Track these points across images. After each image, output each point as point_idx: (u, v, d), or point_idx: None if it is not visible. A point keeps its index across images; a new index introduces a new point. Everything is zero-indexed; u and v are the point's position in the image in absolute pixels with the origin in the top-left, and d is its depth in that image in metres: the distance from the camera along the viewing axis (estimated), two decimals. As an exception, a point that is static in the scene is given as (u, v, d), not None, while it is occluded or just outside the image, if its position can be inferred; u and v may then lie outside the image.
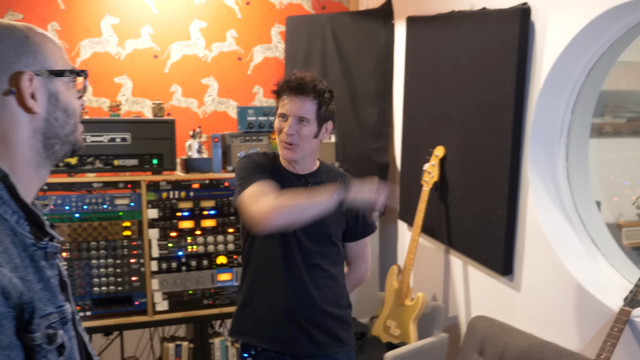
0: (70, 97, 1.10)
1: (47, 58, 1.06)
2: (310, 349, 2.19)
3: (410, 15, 3.74)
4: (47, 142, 1.06)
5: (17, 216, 1.00)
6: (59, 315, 1.01)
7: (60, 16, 3.89)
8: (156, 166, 3.27)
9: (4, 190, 0.99)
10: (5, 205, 0.99)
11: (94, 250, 3.09)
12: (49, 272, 1.03)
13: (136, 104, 4.06)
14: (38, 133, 1.05)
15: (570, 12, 2.45)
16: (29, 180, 1.05)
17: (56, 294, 1.03)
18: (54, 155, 1.09)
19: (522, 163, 2.77)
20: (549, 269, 2.62)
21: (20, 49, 1.03)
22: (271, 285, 2.18)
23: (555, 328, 2.59)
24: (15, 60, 1.02)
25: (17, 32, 1.04)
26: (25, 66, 1.02)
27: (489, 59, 2.88)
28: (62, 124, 1.08)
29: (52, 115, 1.06)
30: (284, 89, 2.15)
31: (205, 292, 3.28)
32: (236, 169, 2.19)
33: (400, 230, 4.07)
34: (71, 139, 1.11)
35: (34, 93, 1.02)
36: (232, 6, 4.26)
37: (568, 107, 2.68)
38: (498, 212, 2.83)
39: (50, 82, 1.06)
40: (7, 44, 1.02)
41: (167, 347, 3.31)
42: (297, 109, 2.11)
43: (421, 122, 3.58)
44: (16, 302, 0.91)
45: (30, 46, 1.04)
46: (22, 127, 1.03)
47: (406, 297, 3.25)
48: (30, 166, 1.05)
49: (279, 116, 2.15)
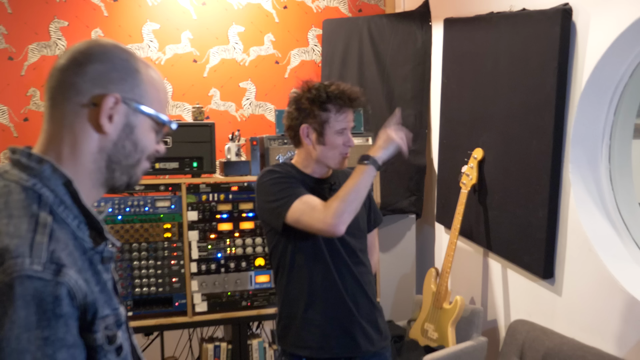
0: (147, 136, 1.13)
1: (143, 95, 1.09)
2: (367, 347, 2.20)
3: (448, 17, 3.73)
4: (110, 164, 1.09)
5: (78, 221, 1.03)
6: (115, 317, 1.04)
7: (103, 23, 3.99)
8: (196, 169, 3.32)
9: (67, 195, 1.03)
10: (67, 210, 1.02)
11: (136, 252, 3.15)
12: (105, 275, 1.07)
13: (176, 108, 4.13)
14: (104, 152, 1.08)
15: (612, 12, 2.41)
16: (87, 191, 1.08)
17: (112, 296, 1.06)
18: (112, 180, 1.12)
19: (563, 165, 2.73)
20: (591, 272, 2.57)
21: (124, 76, 1.07)
22: (327, 292, 2.16)
23: (598, 333, 2.55)
24: (114, 82, 1.06)
25: (132, 62, 1.09)
26: (119, 91, 1.06)
27: (529, 61, 2.85)
28: (128, 154, 1.10)
29: (121, 143, 1.09)
30: (341, 102, 2.12)
31: (243, 293, 3.31)
32: (265, 184, 2.15)
33: (438, 232, 4.05)
34: (131, 172, 1.13)
35: (112, 115, 1.06)
36: (269, 10, 4.30)
37: (610, 109, 2.63)
38: (539, 215, 2.80)
39: (133, 114, 1.09)
40: (116, 67, 1.07)
41: (206, 348, 3.35)
42: (351, 120, 2.18)
43: (459, 124, 3.55)
44: (80, 302, 0.94)
45: (135, 79, 1.08)
46: (91, 140, 1.06)
47: (444, 300, 3.23)
48: (90, 179, 1.08)
49: (337, 132, 2.12)
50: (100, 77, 1.05)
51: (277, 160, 3.37)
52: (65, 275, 0.92)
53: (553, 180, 2.73)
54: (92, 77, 1.04)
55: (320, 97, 2.11)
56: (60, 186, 1.02)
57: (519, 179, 2.94)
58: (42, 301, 0.88)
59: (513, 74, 2.99)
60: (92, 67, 1.05)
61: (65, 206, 1.01)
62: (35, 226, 0.94)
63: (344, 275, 2.17)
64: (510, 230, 3.04)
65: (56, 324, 0.89)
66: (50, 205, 0.99)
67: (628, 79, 2.56)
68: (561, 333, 2.69)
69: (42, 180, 1.00)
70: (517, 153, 2.95)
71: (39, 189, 0.99)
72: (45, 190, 1.00)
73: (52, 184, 1.01)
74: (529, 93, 2.85)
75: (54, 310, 0.89)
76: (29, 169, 1.01)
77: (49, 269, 0.90)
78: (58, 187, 1.01)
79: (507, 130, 3.04)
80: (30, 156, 1.02)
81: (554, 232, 2.78)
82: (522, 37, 2.91)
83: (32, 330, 0.87)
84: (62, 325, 0.90)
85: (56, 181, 1.02)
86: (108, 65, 1.06)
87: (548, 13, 2.70)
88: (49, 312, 0.89)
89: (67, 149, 1.05)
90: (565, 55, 2.65)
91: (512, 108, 2.99)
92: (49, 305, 0.89)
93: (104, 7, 3.98)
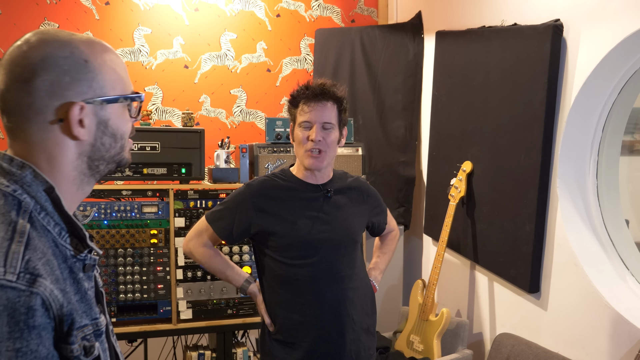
0: (121, 121, 1.09)
1: (103, 85, 1.04)
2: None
3: (440, 29, 3.74)
4: (92, 163, 1.07)
5: (59, 228, 1.01)
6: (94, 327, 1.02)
7: (94, 26, 3.97)
8: (184, 175, 3.30)
9: (49, 202, 1.00)
10: (48, 216, 0.99)
11: (121, 257, 3.12)
12: (87, 284, 1.04)
13: (166, 113, 4.11)
14: (83, 156, 1.05)
15: (603, 29, 2.43)
16: (71, 197, 1.06)
17: (92, 306, 1.04)
18: (99, 173, 1.10)
19: (551, 180, 2.74)
20: (577, 287, 2.58)
21: (76, 76, 1.00)
22: (314, 316, 2.15)
23: (582, 348, 2.55)
24: (69, 87, 1.00)
25: (76, 55, 1.01)
26: (79, 94, 1.01)
27: (519, 75, 2.87)
28: (109, 147, 1.07)
29: (99, 141, 1.06)
30: (305, 96, 2.14)
31: (229, 301, 3.29)
32: (232, 193, 2.27)
33: (426, 244, 4.05)
34: (116, 159, 1.11)
35: (82, 120, 1.01)
36: (262, 18, 4.30)
37: (599, 125, 2.65)
38: (526, 229, 2.80)
39: (102, 109, 1.04)
40: (64, 69, 0.99)
41: (190, 356, 3.32)
42: (321, 115, 2.12)
43: (449, 137, 3.57)
44: (56, 313, 0.92)
45: (87, 73, 1.02)
46: (68, 150, 1.03)
47: (430, 312, 3.23)
48: (74, 184, 1.06)
49: (300, 125, 2.14)
50: (54, 87, 0.99)
51: (266, 168, 3.37)
52: (41, 285, 0.90)
53: (541, 195, 2.74)
54: (45, 91, 0.98)
55: (292, 95, 2.19)
56: (42, 193, 0.99)
57: (507, 192, 2.95)
58: (15, 312, 0.86)
59: (503, 88, 3.00)
60: (39, 80, 0.98)
61: (46, 213, 0.99)
62: (12, 234, 0.92)
63: (329, 299, 2.19)
64: (497, 244, 3.05)
65: (29, 336, 0.87)
66: (30, 212, 0.96)
67: (617, 96, 2.58)
68: (546, 347, 2.69)
69: (23, 186, 0.98)
70: (506, 167, 2.96)
71: (19, 195, 0.97)
72: (25, 197, 0.97)
73: (33, 190, 0.99)
74: (518, 107, 2.87)
75: (26, 322, 0.87)
76: (10, 174, 0.99)
77: (23, 279, 0.88)
78: (39, 193, 0.99)
79: (496, 144, 3.05)
80: (12, 161, 1.00)
81: (541, 247, 2.79)
82: (513, 52, 2.93)
83: (3, 342, 0.85)
84: (35, 336, 0.88)
85: (37, 187, 0.99)
86: (55, 70, 0.98)
87: (539, 29, 2.72)
88: (21, 323, 0.87)
89: (44, 164, 1.02)
90: (555, 71, 2.67)
91: (501, 122, 3.01)
92: (22, 317, 0.87)
93: (95, 10, 3.97)
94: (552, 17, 2.69)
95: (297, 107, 2.16)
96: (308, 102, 2.12)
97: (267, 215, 2.15)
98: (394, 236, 2.58)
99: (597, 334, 2.47)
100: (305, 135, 2.12)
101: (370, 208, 2.34)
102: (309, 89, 2.14)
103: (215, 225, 2.22)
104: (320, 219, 2.16)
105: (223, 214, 2.22)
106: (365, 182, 2.40)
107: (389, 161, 4.13)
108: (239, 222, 2.17)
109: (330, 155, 2.17)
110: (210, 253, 2.28)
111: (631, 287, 2.53)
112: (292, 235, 2.13)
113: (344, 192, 2.26)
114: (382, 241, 2.57)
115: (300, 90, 2.16)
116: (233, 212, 2.19)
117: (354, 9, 4.56)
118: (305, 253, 2.14)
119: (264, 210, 2.15)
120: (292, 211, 2.15)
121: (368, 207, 2.32)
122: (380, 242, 2.58)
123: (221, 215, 2.22)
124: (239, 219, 2.17)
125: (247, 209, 2.16)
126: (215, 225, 2.22)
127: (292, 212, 2.15)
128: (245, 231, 2.18)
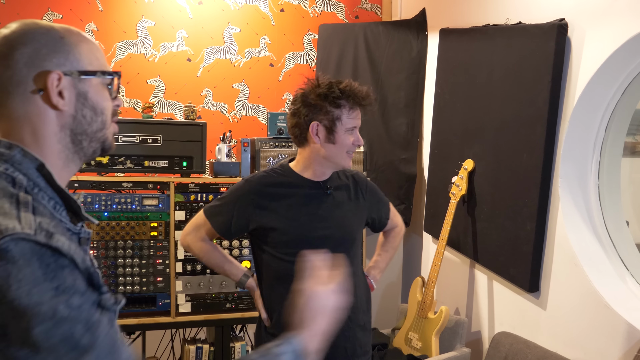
0: (101, 97, 1.12)
1: (79, 59, 1.08)
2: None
3: (444, 27, 3.74)
4: (75, 137, 1.09)
5: (54, 202, 1.03)
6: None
7: (98, 17, 3.97)
8: (185, 168, 3.30)
9: (40, 177, 1.02)
10: (42, 192, 1.01)
11: (121, 250, 3.12)
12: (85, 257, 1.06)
13: (168, 106, 4.11)
14: (66, 128, 1.07)
15: (607, 29, 2.42)
16: (59, 172, 1.07)
17: (100, 277, 1.05)
18: (83, 151, 1.11)
19: (552, 179, 2.74)
20: (577, 287, 2.58)
21: (52, 48, 1.05)
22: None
23: (580, 348, 2.55)
24: (46, 58, 1.04)
25: (53, 33, 1.06)
26: (56, 65, 1.05)
27: (523, 74, 2.86)
28: (90, 121, 1.10)
29: (80, 113, 1.08)
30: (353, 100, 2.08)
31: (228, 295, 3.29)
32: (231, 188, 2.25)
33: (425, 242, 4.05)
34: (99, 137, 1.12)
35: (61, 91, 1.05)
36: (266, 12, 4.29)
37: (602, 125, 2.64)
38: (526, 228, 2.80)
39: (79, 82, 1.08)
40: (41, 42, 1.04)
41: (187, 349, 3.32)
42: (360, 119, 2.15)
43: (451, 135, 3.56)
44: (80, 266, 0.93)
45: (63, 46, 1.06)
46: (50, 121, 1.06)
47: (429, 310, 3.23)
48: (59, 159, 1.08)
49: (347, 130, 2.09)
50: (32, 59, 1.03)
51: (267, 163, 3.36)
52: (59, 240, 0.91)
53: (542, 194, 2.74)
54: (24, 62, 1.03)
55: (333, 93, 2.05)
56: (33, 170, 1.02)
57: (509, 191, 2.95)
58: (43, 255, 0.87)
59: (506, 87, 3.00)
60: (18, 52, 1.03)
61: (39, 189, 1.01)
62: (17, 204, 0.93)
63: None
64: (497, 242, 3.04)
65: (61, 273, 0.89)
66: (25, 188, 0.98)
67: (620, 97, 2.57)
68: (544, 347, 2.69)
69: (13, 164, 1.00)
70: (508, 165, 2.96)
71: (12, 172, 0.99)
72: (18, 174, 0.99)
73: (23, 167, 1.01)
74: (521, 106, 2.86)
75: (57, 261, 0.89)
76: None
77: (41, 234, 0.89)
78: (30, 170, 1.01)
79: (498, 143, 3.05)
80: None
81: (541, 246, 2.78)
82: (517, 50, 2.92)
83: (40, 284, 0.86)
84: (69, 273, 0.90)
85: (28, 164, 1.01)
86: (33, 44, 1.04)
87: (544, 28, 2.71)
88: (52, 264, 0.88)
89: (29, 137, 1.04)
90: (559, 70, 2.66)
91: (504, 120, 3.00)
92: (51, 259, 0.88)
93: (99, 2, 3.96)
94: (557, 17, 2.69)
95: (339, 107, 2.07)
96: (355, 107, 2.10)
97: (265, 211, 2.14)
98: (397, 232, 2.56)
99: (596, 334, 2.47)
100: (351, 139, 2.11)
101: (369, 204, 2.33)
102: (356, 93, 2.08)
103: (214, 220, 2.22)
104: (319, 216, 2.15)
105: (221, 209, 2.21)
106: (364, 177, 2.38)
107: (390, 158, 4.13)
108: (237, 218, 2.17)
109: None
110: (208, 247, 2.28)
111: (631, 287, 2.53)
112: (290, 231, 2.13)
113: (343, 188, 2.25)
114: (385, 238, 2.56)
115: (344, 91, 2.07)
116: (231, 208, 2.18)
117: (358, 5, 4.55)
118: (303, 250, 2.13)
119: (263, 207, 2.15)
120: (291, 208, 2.14)
121: (367, 203, 2.31)
122: (383, 239, 2.57)
123: (219, 211, 2.21)
124: (238, 214, 2.17)
125: (246, 205, 2.16)
126: (213, 221, 2.22)
127: (291, 209, 2.14)
128: (244, 227, 2.18)
